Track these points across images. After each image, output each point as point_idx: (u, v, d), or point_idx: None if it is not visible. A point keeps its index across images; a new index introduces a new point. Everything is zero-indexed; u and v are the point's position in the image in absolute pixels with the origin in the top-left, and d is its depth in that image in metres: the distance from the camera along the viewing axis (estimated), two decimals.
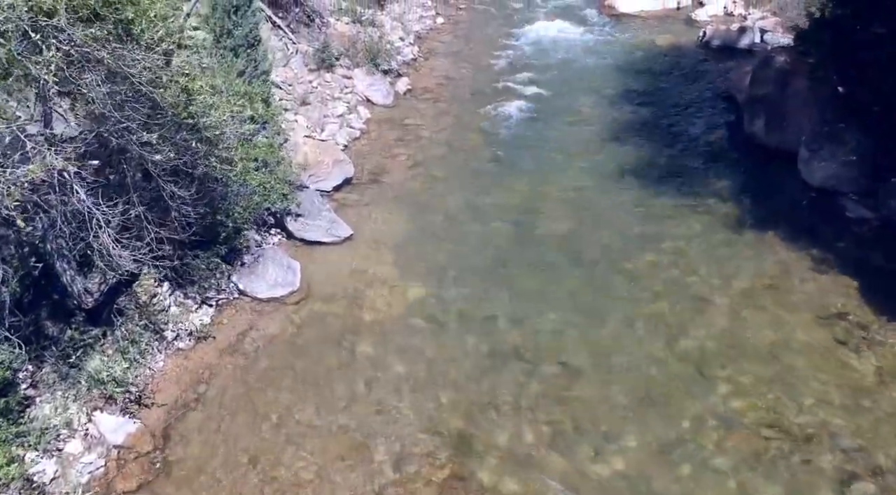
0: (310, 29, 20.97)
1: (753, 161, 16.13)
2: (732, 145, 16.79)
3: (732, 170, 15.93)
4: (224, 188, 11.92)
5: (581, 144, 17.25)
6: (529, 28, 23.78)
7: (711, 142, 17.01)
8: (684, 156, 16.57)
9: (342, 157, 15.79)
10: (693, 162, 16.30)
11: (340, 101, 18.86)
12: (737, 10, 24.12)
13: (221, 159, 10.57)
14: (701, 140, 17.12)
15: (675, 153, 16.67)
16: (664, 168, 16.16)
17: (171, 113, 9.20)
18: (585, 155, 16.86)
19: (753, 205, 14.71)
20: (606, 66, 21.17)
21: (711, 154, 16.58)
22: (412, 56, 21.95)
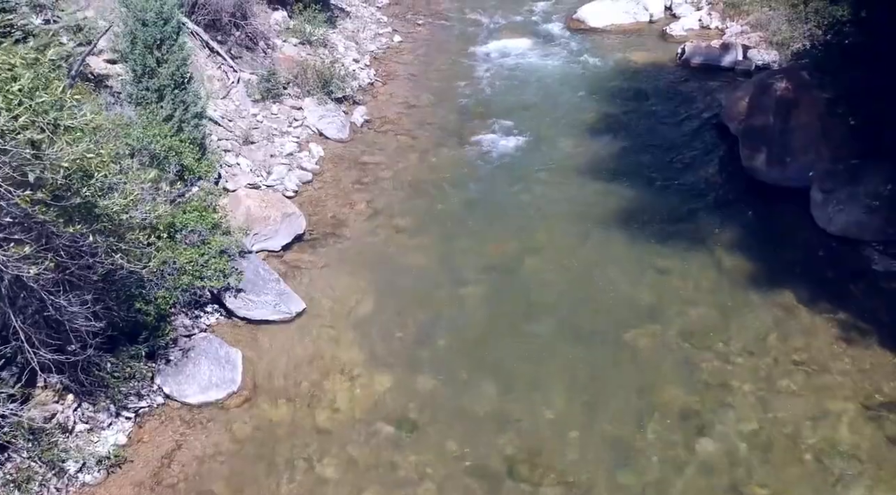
0: (253, 54, 18.31)
1: (757, 201, 13.98)
2: (731, 183, 14.63)
3: (735, 214, 13.75)
4: (141, 273, 9.33)
5: (562, 185, 14.93)
6: (494, 46, 21.40)
7: (707, 180, 14.82)
8: (679, 196, 14.34)
9: (291, 209, 13.22)
10: (690, 204, 14.09)
11: (289, 137, 16.28)
12: (713, 23, 22.05)
13: (131, 253, 7.99)
14: (695, 177, 14.93)
15: (669, 193, 14.43)
16: (658, 212, 13.92)
17: (50, 212, 6.63)
18: (569, 197, 14.54)
19: (765, 256, 12.54)
20: (580, 89, 18.90)
21: (709, 193, 14.39)
22: (369, 80, 19.42)
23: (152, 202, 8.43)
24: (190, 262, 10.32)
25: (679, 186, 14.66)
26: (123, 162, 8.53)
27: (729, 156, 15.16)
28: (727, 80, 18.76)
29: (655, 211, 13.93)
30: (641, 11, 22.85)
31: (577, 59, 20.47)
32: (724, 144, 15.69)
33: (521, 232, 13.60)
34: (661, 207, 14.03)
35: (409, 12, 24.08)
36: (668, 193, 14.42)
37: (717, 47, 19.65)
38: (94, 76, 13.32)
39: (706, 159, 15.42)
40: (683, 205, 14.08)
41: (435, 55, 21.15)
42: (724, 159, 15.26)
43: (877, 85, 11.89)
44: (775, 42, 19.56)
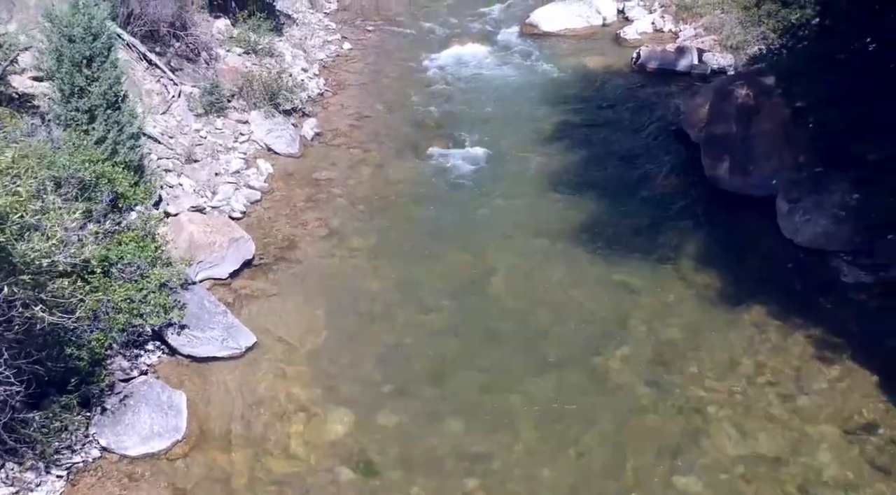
0: (195, 65, 17.31)
1: (721, 211, 13.56)
2: (694, 192, 14.18)
3: (700, 225, 13.30)
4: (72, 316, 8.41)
5: (522, 200, 14.32)
6: (447, 53, 20.71)
7: (670, 190, 14.35)
8: (641, 208, 13.85)
9: (239, 233, 12.35)
10: (653, 216, 13.59)
11: (235, 154, 15.37)
12: (666, 26, 21.71)
13: (55, 304, 7.10)
14: (657, 187, 14.45)
15: (631, 205, 13.93)
16: (621, 225, 13.40)
17: None
18: (529, 213, 13.94)
19: (732, 269, 12.10)
20: (537, 97, 18.33)
21: (672, 204, 13.92)
22: (318, 90, 18.57)
23: (79, 242, 7.52)
24: (127, 299, 9.42)
25: (642, 198, 14.17)
26: (46, 198, 7.62)
27: (691, 165, 14.72)
28: (684, 85, 18.39)
29: (618, 224, 13.41)
30: (594, 15, 22.42)
31: (533, 66, 19.91)
32: (685, 152, 15.26)
33: (481, 251, 12.95)
34: (624, 220, 13.52)
35: (358, 18, 23.27)
36: (630, 205, 13.91)
37: (672, 51, 19.27)
38: (17, 96, 12.27)
39: (668, 169, 14.96)
40: (647, 218, 13.58)
41: (386, 63, 20.39)
42: (687, 168, 14.82)
43: (843, 92, 11.51)
44: (730, 45, 19.28)
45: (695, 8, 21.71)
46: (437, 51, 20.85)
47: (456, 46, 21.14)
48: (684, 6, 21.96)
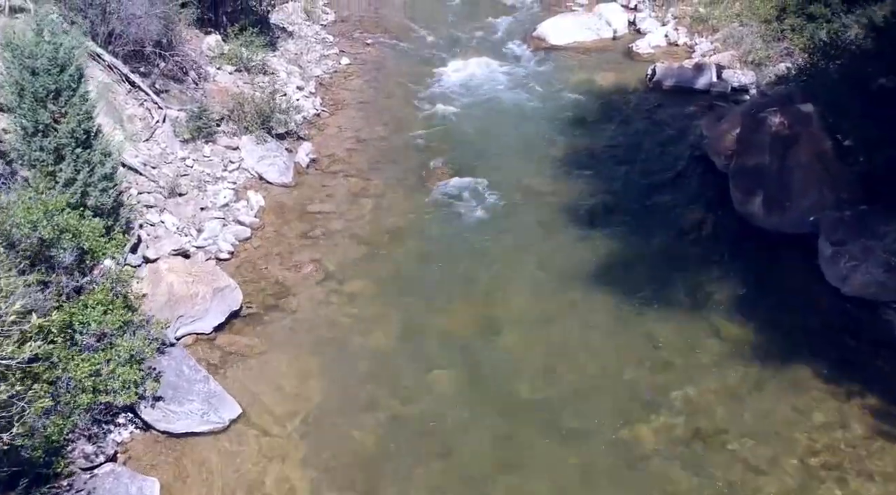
0: (183, 85, 15.92)
1: (754, 251, 12.21)
2: (723, 229, 12.83)
3: (732, 267, 11.95)
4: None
5: (535, 236, 12.97)
6: (451, 68, 19.31)
7: (697, 226, 13.00)
8: (667, 247, 12.49)
9: (224, 281, 10.98)
10: (679, 257, 12.24)
11: (224, 184, 14.00)
12: (680, 39, 20.34)
13: None
14: (683, 223, 13.10)
15: (655, 244, 12.58)
16: (644, 267, 12.06)
17: None
18: (543, 251, 12.59)
19: (772, 322, 10.75)
20: (547, 117, 16.96)
21: (700, 244, 12.58)
22: (314, 110, 17.18)
23: (19, 334, 6.16)
24: (92, 376, 8.06)
25: (665, 235, 12.80)
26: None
27: (718, 197, 13.37)
28: (704, 105, 17.03)
29: (641, 266, 12.07)
30: (604, 27, 21.03)
31: (542, 82, 18.52)
32: (711, 182, 13.90)
33: (491, 297, 11.60)
34: (648, 262, 12.17)
35: (357, 30, 21.87)
36: (654, 245, 12.56)
37: (689, 68, 17.90)
38: None
39: (693, 201, 13.61)
40: (672, 259, 12.23)
41: (386, 80, 19.00)
42: (713, 200, 13.47)
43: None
44: (750, 61, 17.92)
45: (710, 20, 20.34)
46: (440, 66, 19.46)
47: (460, 61, 19.75)
48: (699, 18, 20.60)
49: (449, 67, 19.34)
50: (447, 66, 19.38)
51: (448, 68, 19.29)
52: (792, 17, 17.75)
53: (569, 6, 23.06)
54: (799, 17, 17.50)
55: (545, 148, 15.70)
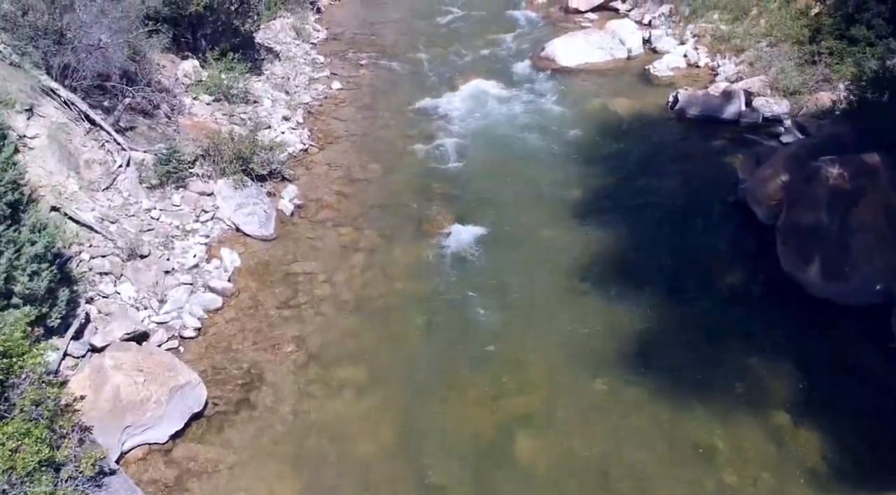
0: (153, 121, 13.83)
1: (814, 326, 10.15)
2: (772, 295, 10.77)
3: (788, 347, 9.89)
4: None
5: (553, 300, 10.93)
6: (450, 93, 17.25)
7: (740, 292, 10.95)
8: (707, 317, 10.45)
9: (185, 377, 8.91)
10: (722, 330, 10.20)
11: (195, 239, 11.93)
12: (701, 59, 18.28)
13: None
14: (723, 287, 11.05)
15: (693, 313, 10.53)
16: (683, 344, 10.03)
17: None
18: (562, 321, 10.54)
19: (842, 422, 8.72)
20: (559, 152, 14.91)
21: (746, 313, 10.50)
22: (301, 145, 15.09)
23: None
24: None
25: (704, 303, 10.76)
26: None
27: (763, 256, 11.32)
28: (733, 137, 15.01)
29: (678, 344, 10.03)
30: (618, 46, 18.96)
31: (551, 110, 16.47)
32: (752, 237, 11.87)
33: (504, 387, 9.55)
34: (685, 337, 10.14)
35: (350, 49, 19.79)
36: (690, 314, 10.52)
37: (716, 96, 15.83)
38: None
39: (733, 260, 11.56)
40: (714, 334, 10.19)
41: (381, 107, 16.92)
42: (757, 260, 11.43)
43: None
44: (782, 88, 15.84)
45: (733, 39, 18.28)
46: (439, 91, 17.40)
47: (461, 84, 17.70)
48: (720, 37, 18.53)
49: (449, 92, 17.29)
50: (448, 91, 17.33)
51: (449, 93, 17.24)
52: (829, 40, 15.69)
53: (577, 22, 21.01)
54: (838, 40, 15.44)
55: (558, 189, 13.64)
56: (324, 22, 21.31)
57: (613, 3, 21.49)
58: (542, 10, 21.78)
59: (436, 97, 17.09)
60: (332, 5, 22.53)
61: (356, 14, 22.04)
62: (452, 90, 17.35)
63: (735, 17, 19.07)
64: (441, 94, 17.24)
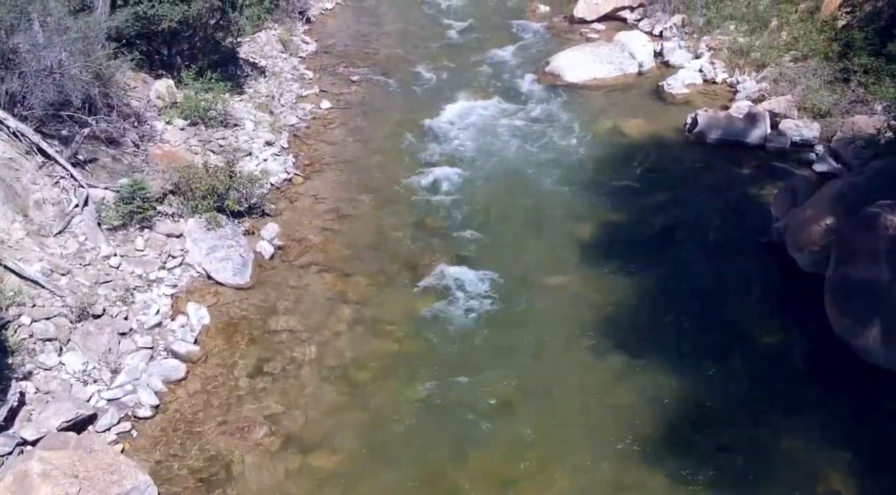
0: (118, 150, 12.16)
1: (875, 403, 8.54)
2: (821, 362, 9.15)
3: (846, 427, 8.26)
4: None
5: (566, 363, 9.33)
6: (449, 113, 15.57)
7: (781, 356, 9.29)
8: (748, 385, 8.84)
9: (132, 480, 7.21)
10: (768, 403, 8.59)
11: (159, 290, 10.29)
12: (718, 75, 16.62)
13: None
14: (763, 348, 9.42)
15: (732, 379, 8.92)
16: (723, 420, 8.43)
17: None
18: (577, 385, 8.96)
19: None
20: (568, 180, 13.26)
21: (793, 382, 8.88)
22: (285, 174, 13.42)
23: None
24: None
25: (743, 367, 9.15)
26: None
27: (807, 312, 9.66)
28: (758, 164, 13.46)
29: (716, 420, 8.44)
30: (627, 60, 17.30)
31: (559, 132, 14.81)
32: (793, 288, 10.24)
33: (515, 473, 7.92)
34: (725, 410, 8.57)
35: (342, 63, 18.09)
36: (728, 381, 8.92)
37: (738, 117, 14.18)
38: None
39: (772, 315, 9.95)
40: (758, 407, 8.59)
41: (374, 129, 15.25)
42: (801, 317, 9.78)
43: None
44: (811, 109, 14.21)
45: (752, 53, 16.61)
46: (437, 110, 15.72)
47: (460, 102, 16.05)
48: (738, 50, 16.86)
49: (448, 112, 15.62)
50: (446, 111, 15.66)
51: (447, 113, 15.57)
52: (862, 55, 14.04)
53: (583, 34, 19.35)
54: (873, 57, 13.79)
55: (568, 226, 12.01)
56: (314, 33, 19.61)
57: (621, 12, 19.81)
58: (545, 20, 20.10)
59: (433, 117, 15.42)
60: (324, 15, 20.83)
61: (348, 25, 20.36)
62: (451, 109, 15.68)
63: (753, 28, 17.42)
64: (438, 113, 15.58)
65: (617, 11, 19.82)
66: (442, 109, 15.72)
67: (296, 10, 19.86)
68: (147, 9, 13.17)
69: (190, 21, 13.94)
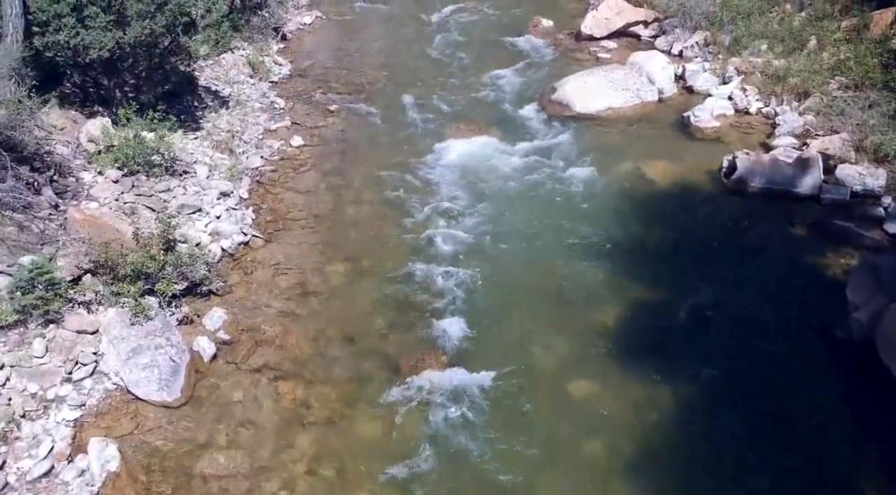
0: (26, 216, 9.46)
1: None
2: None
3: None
4: None
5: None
6: (441, 153, 12.82)
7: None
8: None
9: None
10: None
11: (58, 414, 7.61)
12: (752, 103, 13.88)
13: None
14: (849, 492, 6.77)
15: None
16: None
17: None
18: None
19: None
20: (584, 242, 10.57)
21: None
22: (242, 236, 10.68)
23: None
24: None
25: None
26: None
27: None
28: (814, 220, 10.78)
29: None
30: (646, 86, 14.55)
31: (570, 179, 12.09)
32: (885, 406, 7.54)
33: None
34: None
35: (318, 89, 15.30)
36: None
37: (786, 162, 11.47)
38: None
39: (857, 445, 7.27)
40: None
41: (353, 172, 12.50)
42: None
43: None
44: (871, 151, 11.52)
45: (790, 78, 13.88)
46: (427, 149, 13.00)
47: (453, 138, 13.32)
48: (774, 74, 14.13)
49: (440, 152, 12.90)
50: (438, 150, 12.94)
51: (439, 153, 12.85)
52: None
53: (593, 53, 16.58)
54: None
55: (587, 308, 9.34)
56: (289, 53, 16.81)
57: (634, 28, 17.05)
58: (548, 36, 17.30)
59: (421, 157, 12.71)
60: (302, 31, 18.02)
61: (329, 42, 17.55)
62: (443, 148, 12.95)
63: (789, 48, 14.70)
64: (428, 152, 12.86)
65: (629, 27, 17.06)
66: (432, 147, 12.99)
67: (269, 27, 17.05)
68: (69, 37, 10.38)
69: (128, 49, 11.15)
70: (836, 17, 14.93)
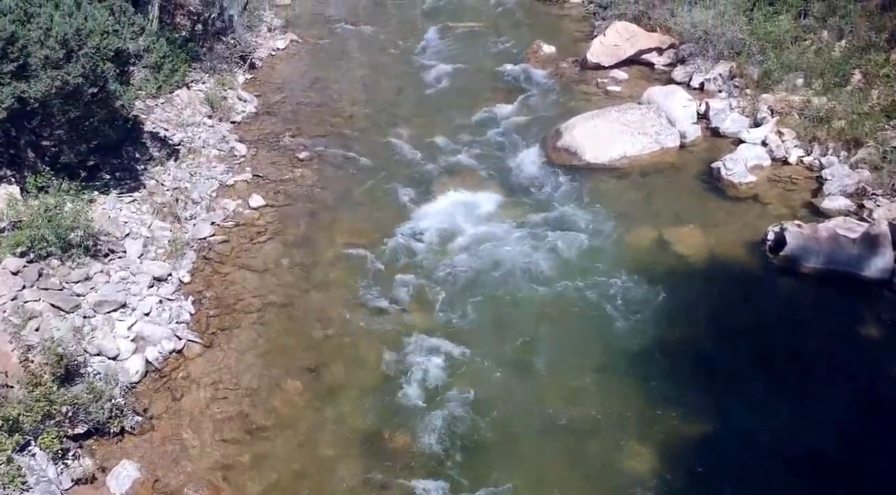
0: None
1: None
2: None
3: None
4: None
5: None
6: (427, 218, 10.40)
7: None
8: None
9: None
10: None
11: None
12: (791, 151, 11.43)
13: None
14: None
15: None
16: None
17: None
18: None
19: None
20: (601, 341, 8.21)
21: None
22: (174, 340, 8.22)
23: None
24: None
25: None
26: None
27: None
28: (890, 316, 8.26)
29: None
30: (666, 129, 12.11)
31: (579, 251, 9.67)
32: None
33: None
34: None
35: (287, 131, 12.80)
36: None
37: (847, 238, 9.04)
38: None
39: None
40: None
41: (322, 243, 10.07)
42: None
43: None
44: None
45: (833, 119, 11.44)
46: (411, 211, 10.58)
47: (442, 195, 10.97)
48: (814, 116, 11.68)
49: (426, 215, 10.51)
50: (424, 213, 10.52)
51: (425, 218, 10.44)
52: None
53: (601, 85, 14.10)
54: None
55: (609, 446, 6.93)
56: (257, 84, 14.30)
57: (647, 55, 14.56)
58: (549, 65, 14.79)
59: (405, 223, 10.29)
60: (273, 58, 15.49)
61: (304, 71, 15.03)
62: (430, 211, 10.56)
63: (829, 83, 12.24)
64: (413, 216, 10.45)
65: (641, 54, 14.59)
66: (418, 210, 10.56)
67: (235, 55, 14.52)
68: None
69: (35, 104, 8.65)
70: (884, 47, 12.47)
